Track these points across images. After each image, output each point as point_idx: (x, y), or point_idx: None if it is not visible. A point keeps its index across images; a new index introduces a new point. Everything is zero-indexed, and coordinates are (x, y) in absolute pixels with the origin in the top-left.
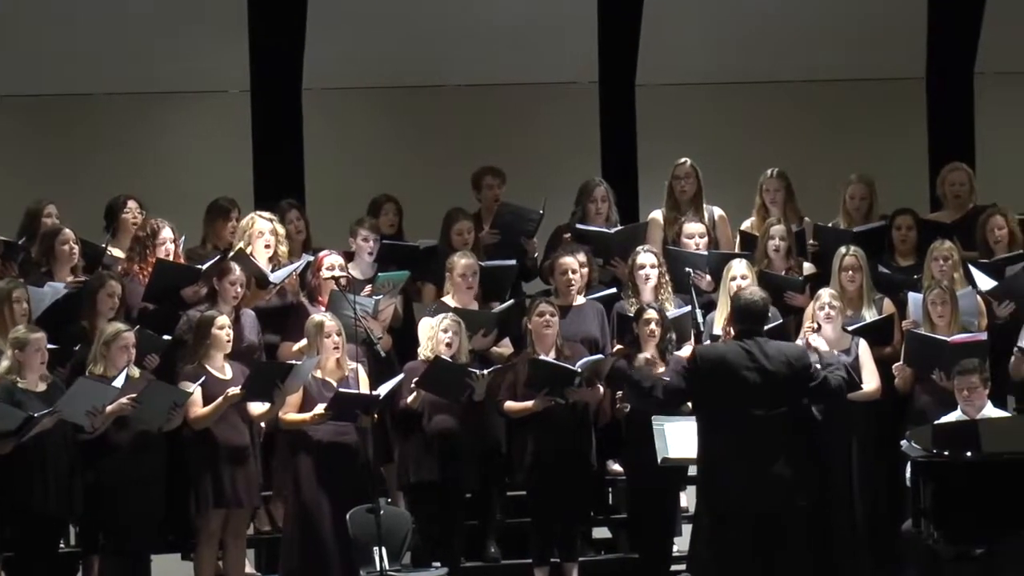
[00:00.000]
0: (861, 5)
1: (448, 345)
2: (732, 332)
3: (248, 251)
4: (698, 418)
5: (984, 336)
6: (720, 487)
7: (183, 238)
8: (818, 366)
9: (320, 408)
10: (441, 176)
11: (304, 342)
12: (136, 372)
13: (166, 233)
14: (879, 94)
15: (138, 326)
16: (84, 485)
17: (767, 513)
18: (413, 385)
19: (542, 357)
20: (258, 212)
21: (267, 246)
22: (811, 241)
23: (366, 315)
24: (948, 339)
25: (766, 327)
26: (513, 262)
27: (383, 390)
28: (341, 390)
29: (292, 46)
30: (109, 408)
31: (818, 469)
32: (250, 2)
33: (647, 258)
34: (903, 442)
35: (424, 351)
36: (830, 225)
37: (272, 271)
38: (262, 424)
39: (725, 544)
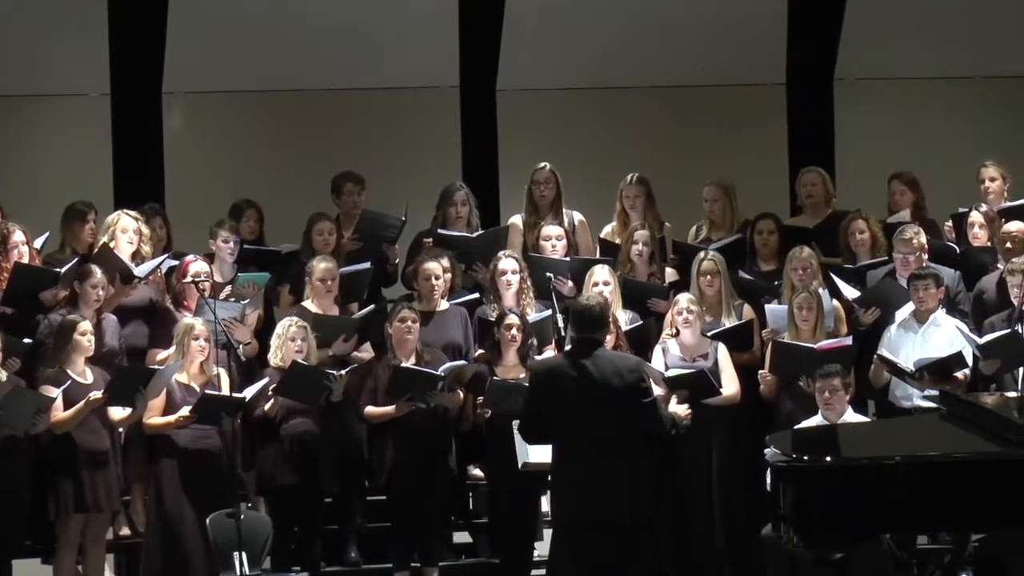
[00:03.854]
0: (722, 11)
1: (298, 351)
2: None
3: (112, 246)
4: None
5: (850, 342)
6: (557, 496)
7: (43, 240)
8: (670, 375)
9: (185, 410)
10: (302, 181)
11: (173, 349)
12: (3, 375)
13: (18, 236)
14: (740, 100)
15: None
16: None
17: (600, 523)
18: (270, 392)
19: (404, 363)
20: (125, 210)
21: (129, 242)
22: (671, 255)
23: (234, 320)
24: (815, 346)
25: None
26: (368, 265)
27: (249, 392)
28: (207, 392)
29: (152, 49)
30: None
31: (650, 480)
32: (110, 5)
33: (509, 264)
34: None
35: (274, 359)
36: (693, 229)
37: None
38: (120, 429)
39: (564, 553)
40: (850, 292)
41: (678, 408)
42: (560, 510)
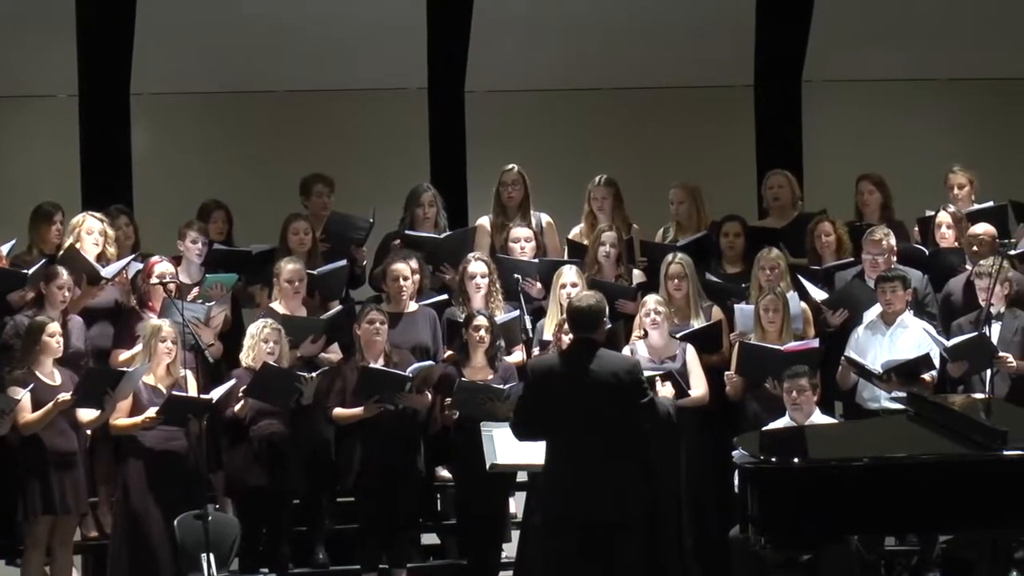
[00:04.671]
0: (689, 13)
1: (270, 353)
2: (563, 339)
3: (77, 247)
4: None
5: (817, 344)
6: (551, 494)
7: (9, 247)
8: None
9: (152, 411)
10: (271, 182)
11: (137, 348)
12: None
13: None
14: (707, 101)
15: None
16: None
17: (594, 522)
18: (240, 394)
19: (372, 365)
20: (90, 212)
21: (95, 244)
22: (640, 257)
23: (197, 322)
24: (782, 348)
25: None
26: (344, 263)
27: (216, 394)
28: (175, 393)
29: (120, 51)
30: None
31: (649, 480)
32: (78, 6)
33: (478, 267)
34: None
35: (246, 359)
36: (661, 231)
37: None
38: (88, 431)
39: (552, 551)
40: (818, 294)
41: (665, 391)
42: (551, 508)
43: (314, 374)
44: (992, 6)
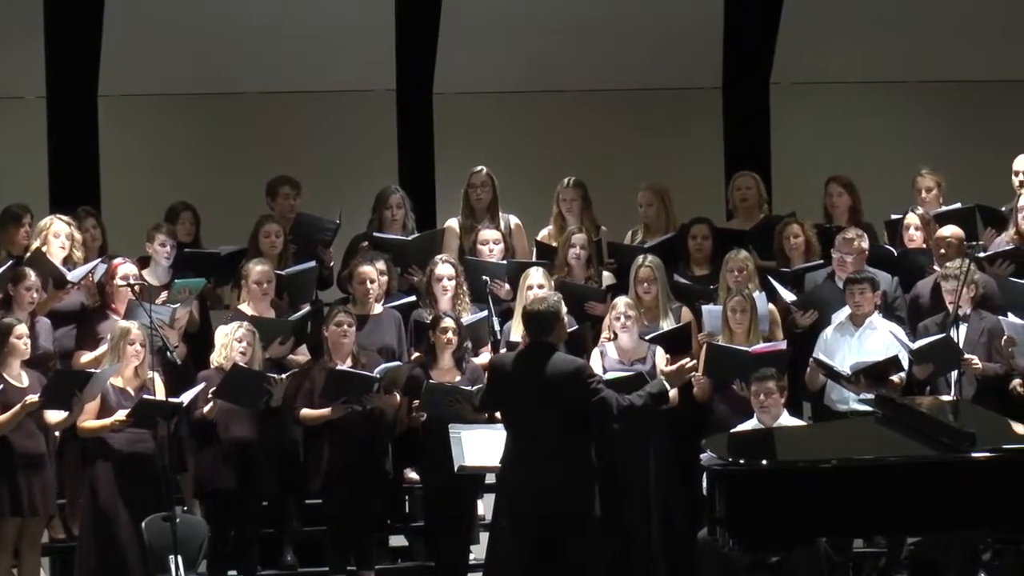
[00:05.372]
0: (658, 15)
1: (243, 354)
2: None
3: (44, 251)
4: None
5: (784, 345)
6: (505, 490)
7: None
8: (602, 386)
9: (121, 414)
10: (238, 184)
11: (102, 349)
12: None
13: None
14: (675, 103)
15: None
16: None
17: (544, 516)
18: (210, 395)
19: (339, 366)
20: (57, 215)
21: (62, 247)
22: (608, 259)
23: (162, 323)
24: (749, 349)
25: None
26: (312, 264)
27: (186, 397)
28: (145, 397)
29: (88, 53)
30: None
31: (594, 478)
32: (46, 8)
33: (445, 269)
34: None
35: (217, 358)
36: (629, 233)
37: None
38: (56, 432)
39: (509, 551)
40: (788, 295)
41: (668, 368)
42: (506, 505)
43: (284, 376)
44: (960, 9)
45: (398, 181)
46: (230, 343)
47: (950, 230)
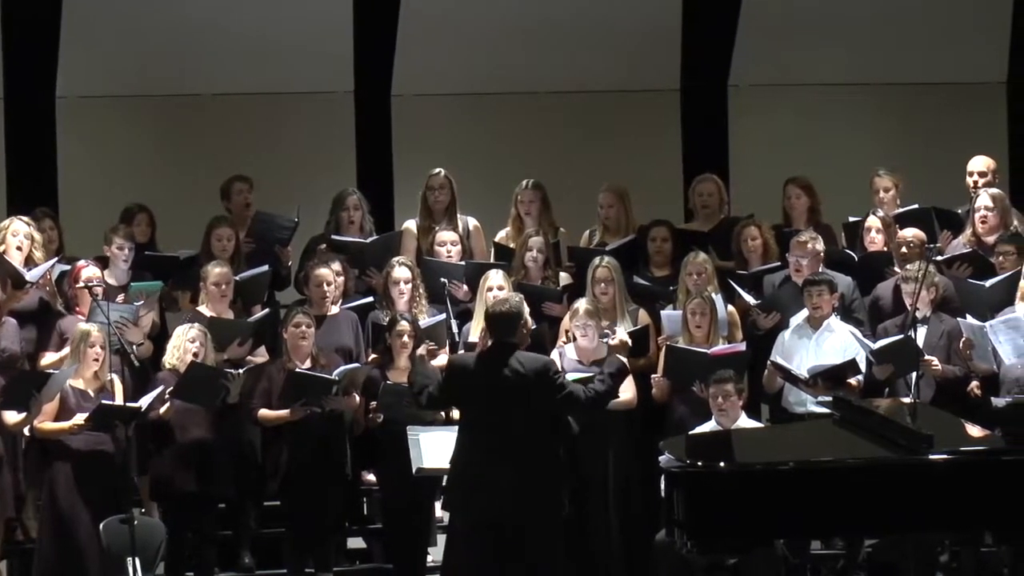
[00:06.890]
0: (616, 16)
1: (195, 355)
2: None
3: (2, 251)
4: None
5: (743, 347)
6: (461, 488)
7: None
8: (569, 378)
9: (80, 418)
10: (196, 186)
11: (65, 351)
12: None
13: None
14: (634, 105)
15: None
16: None
17: (504, 521)
18: (167, 396)
19: (298, 368)
20: (17, 216)
21: (19, 248)
22: (567, 263)
23: (127, 322)
24: (708, 351)
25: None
26: (266, 268)
27: (145, 401)
28: (104, 402)
29: (45, 54)
30: None
31: (565, 479)
32: (3, 9)
33: (401, 272)
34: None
35: (170, 360)
36: (587, 233)
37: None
38: (26, 432)
39: (466, 550)
40: (750, 298)
41: (612, 342)
42: (462, 508)
43: (240, 371)
44: (917, 12)
45: (356, 183)
46: (183, 344)
47: (911, 232)
